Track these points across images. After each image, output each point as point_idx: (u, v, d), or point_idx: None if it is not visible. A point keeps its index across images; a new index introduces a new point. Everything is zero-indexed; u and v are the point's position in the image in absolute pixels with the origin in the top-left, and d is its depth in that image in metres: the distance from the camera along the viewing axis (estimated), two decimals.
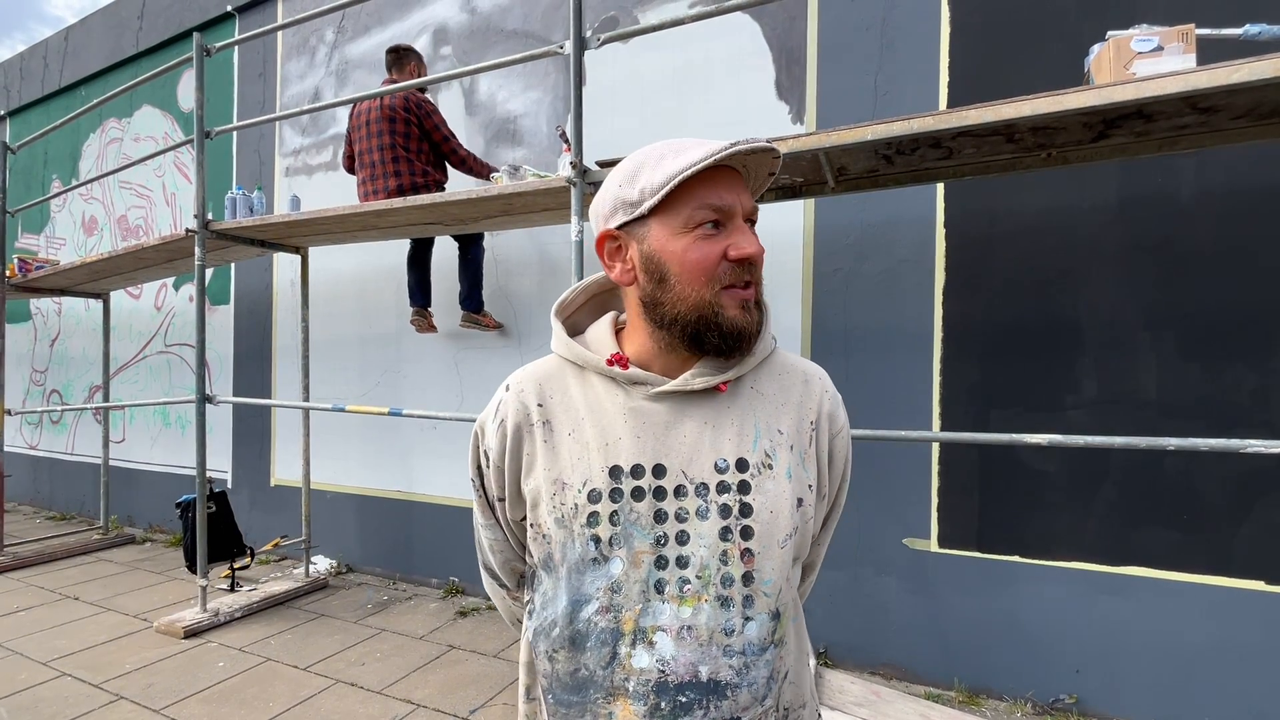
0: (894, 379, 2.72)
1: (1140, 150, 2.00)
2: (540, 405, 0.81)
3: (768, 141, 0.73)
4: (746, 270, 0.74)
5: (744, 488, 0.76)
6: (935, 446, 2.67)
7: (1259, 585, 2.21)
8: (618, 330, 0.86)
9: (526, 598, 0.87)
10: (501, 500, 0.84)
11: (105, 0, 5.73)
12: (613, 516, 0.75)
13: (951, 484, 2.65)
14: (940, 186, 2.66)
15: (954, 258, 2.65)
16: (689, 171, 0.71)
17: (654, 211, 0.75)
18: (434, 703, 2.54)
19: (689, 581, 0.73)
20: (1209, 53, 1.72)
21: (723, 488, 0.75)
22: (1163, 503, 2.33)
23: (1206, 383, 2.28)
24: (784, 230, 2.93)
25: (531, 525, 0.81)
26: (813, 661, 0.87)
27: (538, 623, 0.80)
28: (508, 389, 0.83)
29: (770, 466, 0.77)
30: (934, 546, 2.67)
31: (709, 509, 0.75)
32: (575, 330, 0.88)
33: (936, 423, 2.66)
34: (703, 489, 0.75)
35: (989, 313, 2.59)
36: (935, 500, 2.67)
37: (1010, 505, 2.55)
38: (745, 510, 0.75)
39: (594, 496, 0.76)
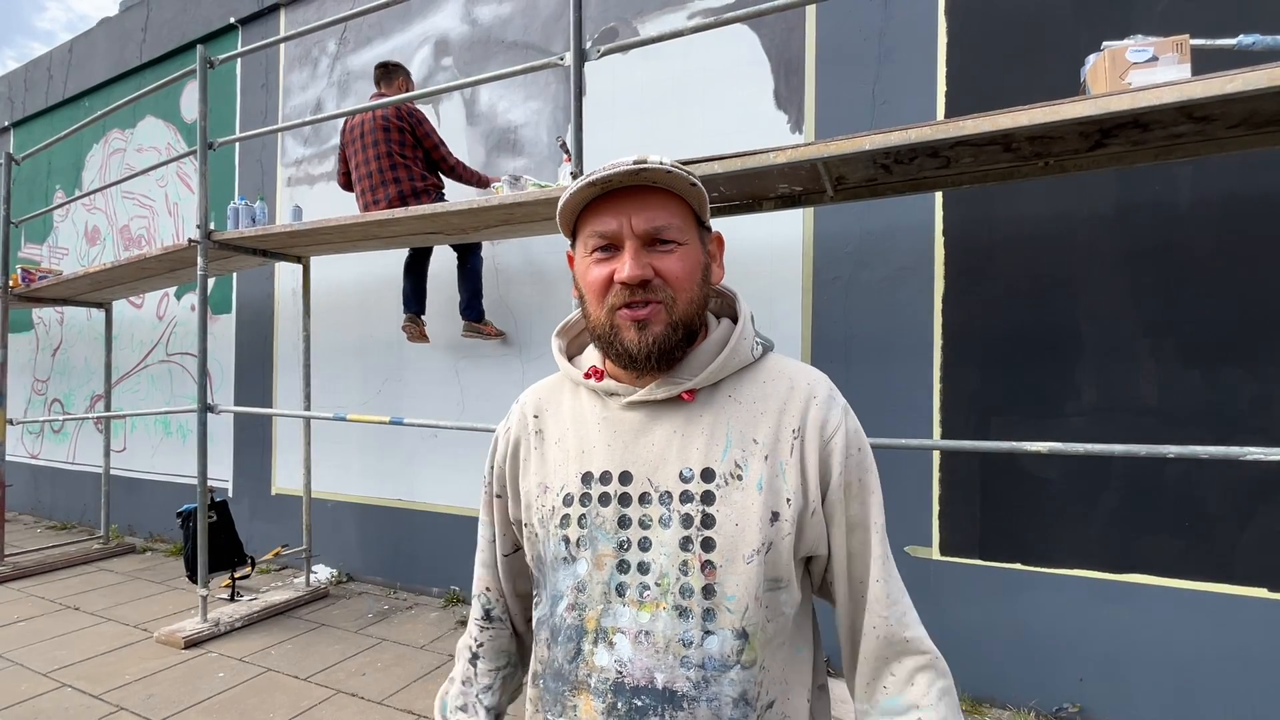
0: (894, 386, 2.73)
1: (1137, 159, 2.01)
2: (536, 416, 0.88)
3: (634, 161, 0.74)
4: (635, 291, 0.75)
5: (708, 498, 0.75)
6: (936, 454, 2.67)
7: (1261, 593, 2.20)
8: None
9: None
10: (500, 497, 0.92)
11: (95, 16, 5.80)
12: (581, 519, 0.79)
13: (953, 491, 2.64)
14: (939, 195, 2.67)
15: (953, 265, 2.66)
16: (560, 205, 0.79)
17: (573, 235, 0.83)
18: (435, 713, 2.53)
19: (648, 588, 0.75)
20: (1204, 63, 1.74)
21: (686, 497, 0.76)
22: (1165, 510, 2.33)
23: (1207, 390, 2.29)
24: (784, 238, 2.94)
25: (525, 525, 0.86)
26: (816, 699, 0.87)
27: (538, 613, 0.86)
28: (518, 403, 0.93)
29: (739, 477, 0.76)
30: (936, 554, 2.66)
31: (671, 517, 0.76)
32: (583, 348, 0.93)
33: (937, 430, 2.66)
34: (666, 497, 0.76)
35: (989, 320, 2.60)
36: (937, 508, 2.66)
37: (1012, 513, 2.55)
38: (707, 521, 0.75)
39: (567, 500, 0.81)
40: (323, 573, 4.16)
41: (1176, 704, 2.30)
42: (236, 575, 3.74)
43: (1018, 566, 2.54)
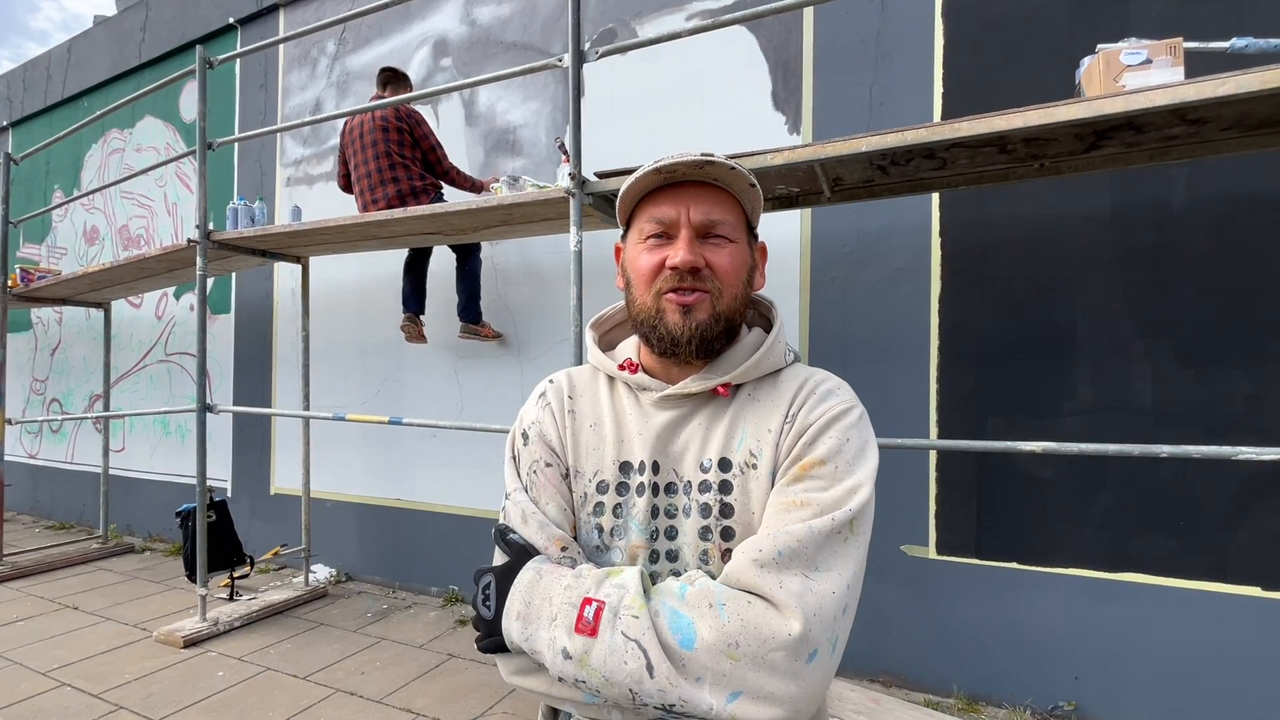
0: (891, 387, 2.74)
1: (1131, 161, 2.02)
2: (570, 398, 0.88)
3: (701, 155, 0.77)
4: (685, 277, 0.78)
5: (725, 487, 0.77)
6: (933, 454, 2.69)
7: (1255, 591, 2.22)
8: None
9: None
10: (550, 465, 0.83)
11: (89, 16, 5.79)
12: (616, 509, 0.80)
13: (949, 491, 2.66)
14: (935, 196, 2.69)
15: (950, 266, 2.67)
16: (624, 189, 0.81)
17: (628, 224, 0.85)
18: (433, 711, 2.54)
19: (678, 575, 0.76)
20: (1197, 65, 1.75)
21: (705, 487, 0.77)
22: (1159, 509, 2.35)
23: (1201, 390, 2.30)
24: (782, 239, 2.95)
25: None
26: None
27: None
28: (550, 382, 0.91)
29: (755, 466, 0.77)
30: (932, 553, 2.68)
31: (691, 507, 0.77)
32: (613, 344, 0.95)
33: (934, 430, 2.68)
34: (688, 487, 0.78)
35: (985, 320, 2.61)
36: (933, 507, 2.68)
37: (1008, 512, 2.56)
38: (726, 510, 0.76)
39: (602, 488, 0.81)
40: (321, 572, 4.17)
41: (1171, 702, 2.31)
42: (235, 575, 3.74)
43: (1014, 566, 2.55)
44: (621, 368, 0.86)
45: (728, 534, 0.75)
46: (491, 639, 0.74)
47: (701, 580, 0.70)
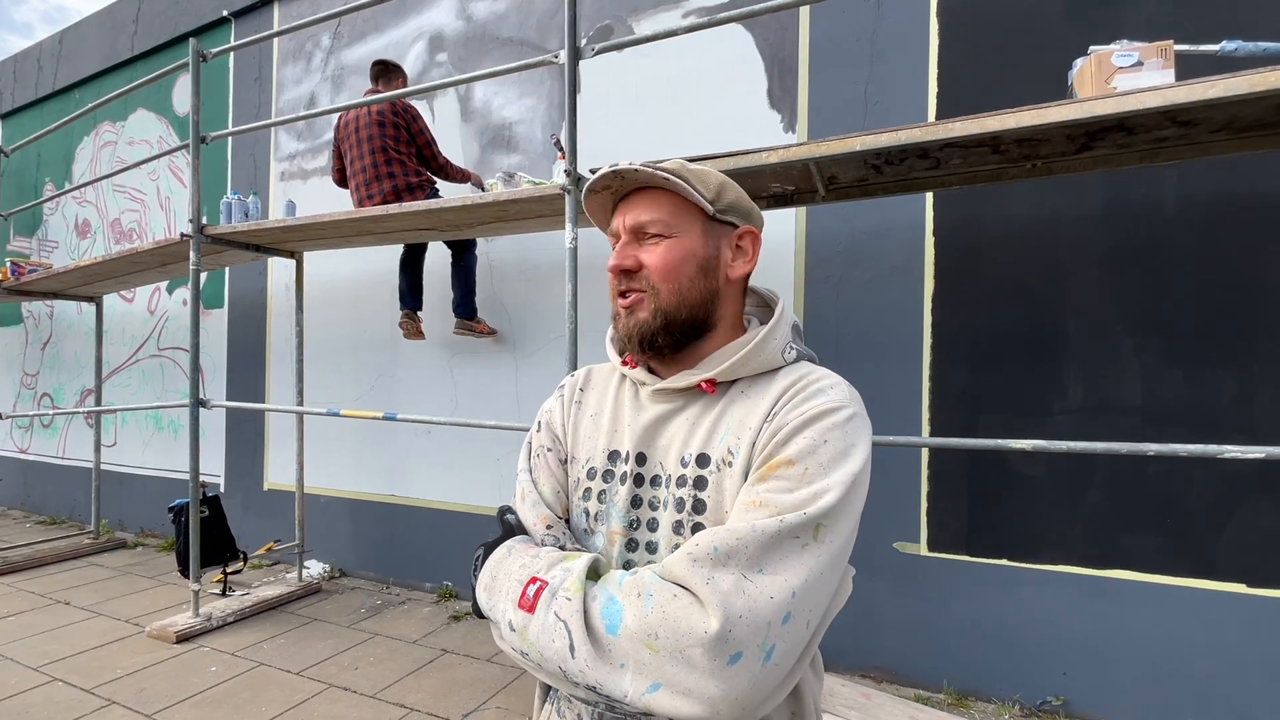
0: (884, 385, 2.76)
1: (1122, 162, 2.04)
2: (581, 389, 0.94)
3: (629, 164, 0.81)
4: (622, 279, 0.83)
5: (700, 483, 0.77)
6: (925, 451, 2.71)
7: (1240, 588, 2.25)
8: None
9: None
10: (551, 450, 0.91)
11: (73, 8, 5.77)
12: (601, 495, 0.84)
13: (941, 488, 2.68)
14: (929, 195, 2.70)
15: (943, 265, 2.69)
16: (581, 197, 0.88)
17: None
18: (427, 707, 2.55)
19: (654, 565, 0.77)
20: (1188, 68, 1.77)
21: (681, 481, 0.79)
22: (1147, 507, 2.37)
23: (1189, 389, 2.33)
24: (776, 238, 2.96)
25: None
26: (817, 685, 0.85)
27: None
28: (572, 375, 0.97)
29: (731, 464, 0.76)
30: (924, 550, 2.70)
31: (669, 500, 0.79)
32: None
33: (926, 428, 2.70)
34: (668, 481, 0.80)
35: (977, 319, 2.63)
36: (925, 505, 2.70)
37: (999, 509, 2.59)
38: (698, 506, 0.76)
39: (591, 474, 0.85)
40: (315, 568, 4.16)
41: (1157, 696, 2.34)
42: (229, 570, 3.74)
43: (1004, 562, 2.57)
44: (625, 363, 0.90)
45: (699, 530, 0.74)
46: (476, 604, 0.81)
47: (645, 570, 0.71)
